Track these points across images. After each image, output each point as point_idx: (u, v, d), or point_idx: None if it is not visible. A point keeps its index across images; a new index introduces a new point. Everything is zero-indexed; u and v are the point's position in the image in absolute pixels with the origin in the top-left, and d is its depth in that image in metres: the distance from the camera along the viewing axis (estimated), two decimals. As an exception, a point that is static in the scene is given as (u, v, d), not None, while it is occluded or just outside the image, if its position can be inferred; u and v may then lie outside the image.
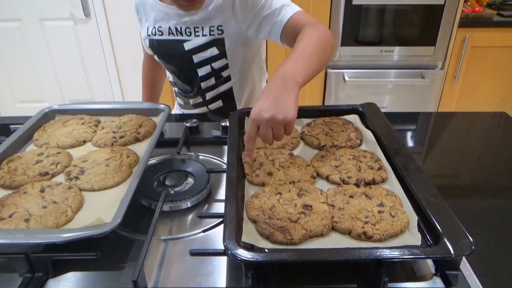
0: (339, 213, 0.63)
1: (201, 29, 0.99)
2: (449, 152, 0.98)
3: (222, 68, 1.06)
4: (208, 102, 1.14)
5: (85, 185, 0.71)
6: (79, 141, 0.86)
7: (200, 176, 0.80)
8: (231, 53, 1.02)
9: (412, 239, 0.59)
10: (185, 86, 1.14)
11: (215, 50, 1.01)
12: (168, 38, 1.03)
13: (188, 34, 1.01)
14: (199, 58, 1.03)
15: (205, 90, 1.11)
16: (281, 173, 0.73)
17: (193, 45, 1.01)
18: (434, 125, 1.13)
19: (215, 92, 1.11)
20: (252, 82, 1.14)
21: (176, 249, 0.66)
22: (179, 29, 1.01)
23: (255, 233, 0.61)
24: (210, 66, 1.04)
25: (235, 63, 1.06)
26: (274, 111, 0.63)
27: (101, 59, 2.80)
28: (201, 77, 1.07)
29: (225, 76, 1.08)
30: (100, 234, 0.58)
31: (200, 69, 1.05)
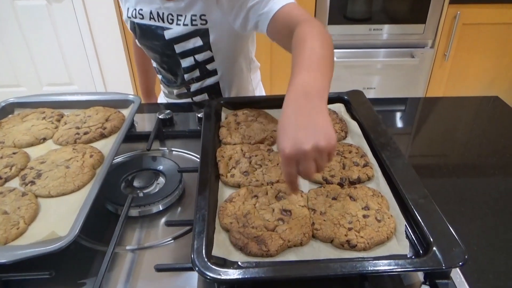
0: (321, 219, 0.57)
1: (184, 18, 0.89)
2: (438, 134, 0.94)
3: (207, 61, 0.96)
4: (193, 94, 1.05)
5: (41, 190, 0.64)
6: (38, 139, 0.78)
7: (172, 175, 0.74)
8: (216, 46, 0.93)
9: (399, 247, 0.54)
10: (168, 76, 1.05)
11: (199, 40, 0.92)
12: (149, 23, 0.93)
13: (170, 21, 0.91)
14: (181, 48, 0.94)
15: (190, 82, 1.02)
16: (258, 173, 0.67)
17: (174, 34, 0.91)
18: (423, 110, 1.08)
19: (200, 84, 1.02)
20: (240, 76, 1.05)
21: (143, 261, 0.60)
22: (161, 14, 0.91)
23: (228, 244, 0.55)
24: (193, 58, 0.95)
25: (221, 57, 0.96)
26: (313, 139, 0.48)
27: (78, 39, 2.66)
28: (185, 69, 0.98)
29: (211, 69, 0.99)
30: (53, 250, 0.51)
31: (183, 60, 0.96)
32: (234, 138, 0.76)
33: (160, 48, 0.97)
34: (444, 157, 0.87)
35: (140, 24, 0.95)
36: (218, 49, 0.94)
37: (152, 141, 0.80)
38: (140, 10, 0.94)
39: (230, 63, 1.01)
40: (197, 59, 0.95)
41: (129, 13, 0.96)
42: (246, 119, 0.81)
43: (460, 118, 1.02)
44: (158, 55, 1.00)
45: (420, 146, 0.92)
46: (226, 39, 0.93)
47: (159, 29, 0.92)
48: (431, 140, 0.93)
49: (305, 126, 0.50)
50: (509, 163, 0.83)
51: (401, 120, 1.02)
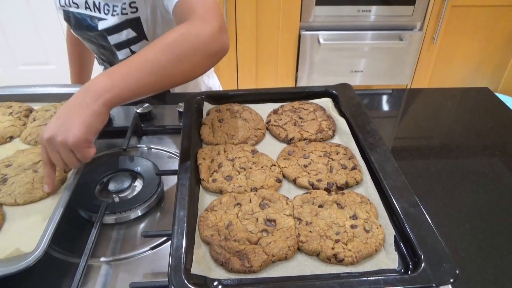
0: (307, 230, 0.54)
1: (116, 7, 0.82)
2: (423, 122, 0.94)
3: None
4: None
5: (6, 198, 0.59)
6: (4, 138, 0.72)
7: (150, 178, 0.69)
8: (151, 34, 0.87)
9: (388, 260, 0.51)
10: (108, 67, 0.99)
11: (131, 32, 0.85)
12: (85, 12, 0.86)
13: (106, 11, 0.83)
14: (115, 40, 0.87)
15: None
16: (241, 177, 0.63)
17: (106, 25, 0.85)
18: (408, 101, 1.05)
19: None
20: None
21: (119, 274, 0.57)
22: (97, 4, 0.84)
23: (209, 259, 0.52)
24: (129, 50, 0.89)
25: None
26: (54, 131, 0.54)
27: (53, 16, 2.52)
28: (122, 60, 0.91)
29: None
30: (17, 270, 0.47)
31: (119, 52, 0.90)
32: (216, 137, 0.72)
33: (95, 39, 0.91)
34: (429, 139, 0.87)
35: (75, 13, 0.88)
36: (152, 36, 0.88)
37: (129, 140, 0.75)
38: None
39: None
40: (133, 50, 0.89)
41: (62, 1, 0.89)
42: (229, 115, 0.77)
43: (446, 107, 1.00)
44: (95, 46, 0.94)
45: (405, 135, 0.91)
46: (158, 23, 0.86)
47: (93, 19, 0.86)
48: (416, 128, 0.91)
49: (59, 117, 0.55)
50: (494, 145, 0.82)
51: (386, 115, 1.00)
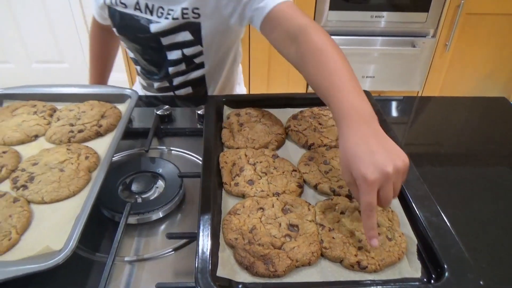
0: (329, 236, 0.55)
1: (173, 11, 0.83)
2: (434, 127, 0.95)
3: (195, 55, 0.92)
4: (176, 87, 1.00)
5: (34, 196, 0.61)
6: (29, 136, 0.74)
7: (172, 179, 0.70)
8: (207, 40, 0.88)
9: (411, 269, 0.52)
10: (149, 68, 0.99)
11: (188, 35, 0.86)
12: (133, 13, 0.87)
13: (160, 14, 0.84)
14: (169, 40, 0.88)
15: (174, 76, 0.97)
16: (263, 182, 0.64)
17: (161, 28, 0.85)
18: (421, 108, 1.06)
19: (184, 78, 0.97)
20: (227, 68, 1.00)
21: (143, 274, 0.58)
22: (150, 6, 0.84)
23: (233, 263, 0.53)
24: (181, 52, 0.90)
25: (211, 51, 0.91)
26: (392, 161, 0.49)
27: (68, 15, 2.55)
28: (170, 62, 0.93)
29: (198, 62, 0.94)
30: (48, 268, 0.48)
31: (170, 53, 0.91)
32: (237, 141, 0.73)
33: (144, 40, 0.91)
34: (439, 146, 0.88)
35: (123, 13, 0.88)
36: (208, 44, 0.89)
37: (151, 141, 0.77)
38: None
39: (220, 56, 0.96)
40: (185, 53, 0.90)
41: (108, 0, 0.89)
42: (249, 119, 0.78)
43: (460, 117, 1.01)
44: (141, 46, 0.94)
45: (421, 142, 0.92)
46: (219, 33, 0.88)
47: (143, 20, 0.86)
48: (430, 135, 0.92)
49: (379, 150, 0.50)
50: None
51: (396, 122, 1.01)
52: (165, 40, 0.88)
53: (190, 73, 0.96)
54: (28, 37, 2.64)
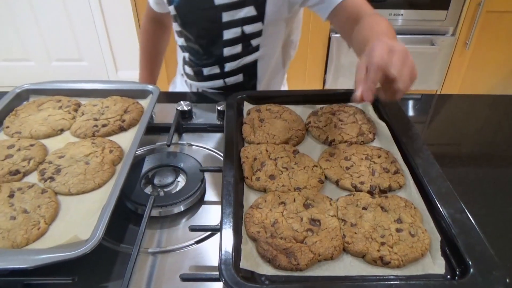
0: (352, 231, 0.55)
1: None
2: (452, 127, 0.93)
3: (254, 35, 0.90)
4: (227, 74, 0.98)
5: (61, 187, 0.62)
6: (55, 130, 0.76)
7: (193, 173, 0.71)
8: (269, 18, 0.87)
9: (434, 265, 0.52)
10: (201, 51, 0.97)
11: (252, 10, 0.86)
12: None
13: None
14: (230, 16, 0.87)
15: (226, 59, 0.95)
16: (284, 177, 0.64)
17: (226, 0, 0.85)
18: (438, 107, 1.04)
19: (237, 63, 0.96)
20: (278, 60, 0.99)
21: (165, 265, 0.59)
22: None
23: (256, 255, 0.53)
24: (241, 29, 0.89)
25: (270, 31, 0.91)
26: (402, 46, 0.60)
27: (87, 14, 2.60)
28: (226, 41, 0.91)
29: (254, 45, 0.93)
30: (76, 256, 0.50)
31: (227, 31, 0.90)
32: (257, 136, 0.74)
33: (203, 17, 0.90)
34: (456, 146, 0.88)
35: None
36: (269, 22, 0.89)
37: (172, 136, 0.78)
38: None
39: (276, 41, 0.95)
40: (245, 30, 0.89)
41: None
42: (269, 115, 0.78)
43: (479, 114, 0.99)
44: (196, 26, 0.92)
45: (444, 142, 0.90)
46: (282, 10, 0.88)
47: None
48: (455, 134, 0.90)
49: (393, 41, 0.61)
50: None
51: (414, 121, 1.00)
52: (226, 16, 0.87)
53: (243, 57, 0.95)
54: (49, 35, 2.69)
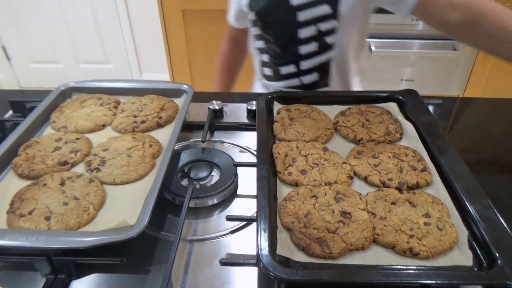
0: (381, 224, 0.58)
1: None
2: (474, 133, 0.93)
3: (329, 32, 0.94)
4: (302, 73, 1.01)
5: (106, 178, 0.67)
6: (98, 125, 0.81)
7: (226, 168, 0.75)
8: (343, 15, 0.90)
9: (462, 258, 0.54)
10: (279, 51, 1.01)
11: (327, 8, 0.89)
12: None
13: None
14: (306, 15, 0.91)
15: (301, 57, 0.98)
16: (315, 172, 0.68)
17: (301, 1, 0.89)
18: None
19: (311, 62, 0.99)
20: (351, 59, 1.01)
21: (203, 252, 0.62)
22: None
23: (290, 243, 0.56)
24: (316, 27, 0.92)
25: (344, 29, 0.93)
26: None
27: (114, 19, 2.69)
28: (302, 40, 0.95)
29: (329, 42, 0.96)
30: (125, 239, 0.54)
31: (303, 29, 0.93)
32: (288, 134, 0.77)
33: (280, 18, 0.94)
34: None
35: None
36: (344, 19, 0.91)
37: (207, 133, 0.82)
38: None
39: (350, 39, 0.97)
40: (320, 28, 0.92)
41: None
42: (299, 115, 0.82)
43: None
44: (274, 27, 0.97)
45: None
46: (357, 9, 0.91)
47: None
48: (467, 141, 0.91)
49: None
50: None
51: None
52: (302, 15, 0.91)
53: (318, 56, 0.98)
54: (77, 39, 2.80)
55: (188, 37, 2.15)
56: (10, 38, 2.81)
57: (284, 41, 0.98)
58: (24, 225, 0.58)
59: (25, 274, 0.59)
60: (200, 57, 2.23)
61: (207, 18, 2.08)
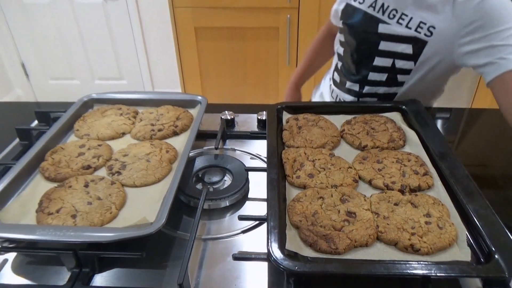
0: (384, 223, 0.61)
1: (409, 19, 0.86)
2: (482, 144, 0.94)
3: (403, 71, 0.93)
4: (362, 95, 1.02)
5: (127, 180, 0.72)
6: (118, 133, 0.86)
7: (238, 173, 0.80)
8: (423, 62, 0.89)
9: (461, 253, 0.57)
10: (350, 66, 1.01)
11: (409, 48, 0.88)
12: (367, 10, 0.92)
13: (391, 17, 0.88)
14: (387, 47, 0.90)
15: (368, 83, 0.99)
16: (322, 176, 0.72)
17: (389, 31, 0.88)
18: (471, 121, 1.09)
19: (375, 89, 0.99)
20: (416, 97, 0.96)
21: (216, 250, 0.66)
22: (384, 6, 0.89)
23: (298, 240, 0.60)
24: (392, 61, 0.92)
25: (419, 74, 0.92)
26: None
27: (129, 37, 2.79)
28: (376, 67, 0.95)
29: (399, 80, 0.95)
30: (145, 234, 0.58)
31: (380, 58, 0.93)
32: (296, 141, 0.81)
33: (363, 39, 0.95)
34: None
35: (357, 8, 0.94)
36: (422, 65, 0.90)
37: (219, 141, 0.87)
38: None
39: (423, 84, 0.95)
40: (396, 64, 0.92)
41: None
42: (306, 123, 0.86)
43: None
44: (356, 41, 0.97)
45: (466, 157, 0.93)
46: (438, 59, 0.88)
47: (374, 19, 0.91)
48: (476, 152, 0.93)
49: None
50: None
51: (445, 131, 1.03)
52: (384, 45, 0.90)
53: (385, 87, 0.98)
54: (93, 56, 2.90)
55: (200, 53, 2.23)
56: (30, 55, 2.93)
57: (359, 61, 0.99)
58: (52, 222, 0.62)
59: (51, 269, 0.63)
60: (211, 73, 2.31)
61: (218, 35, 2.16)
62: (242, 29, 2.14)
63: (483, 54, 0.80)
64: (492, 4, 0.78)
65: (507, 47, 0.77)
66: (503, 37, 0.77)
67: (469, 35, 0.82)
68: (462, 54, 0.84)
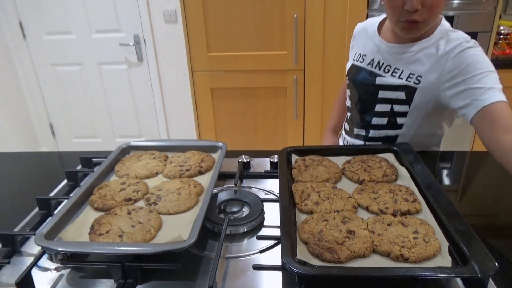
0: (379, 238, 0.73)
1: (400, 72, 1.06)
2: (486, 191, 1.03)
3: (400, 114, 1.10)
4: (368, 139, 1.20)
5: (162, 209, 0.86)
6: (152, 173, 1.02)
7: (255, 204, 0.93)
8: (415, 104, 1.06)
9: (443, 261, 0.68)
10: (356, 115, 1.21)
11: (402, 94, 1.06)
12: (366, 67, 1.13)
13: (386, 71, 1.08)
14: (385, 95, 1.09)
15: (372, 127, 1.17)
16: (326, 203, 0.85)
17: (385, 82, 1.08)
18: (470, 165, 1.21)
19: (379, 133, 1.16)
20: (419, 141, 1.14)
21: (237, 266, 0.78)
22: (380, 63, 1.10)
23: (307, 253, 0.72)
24: (390, 106, 1.10)
25: (415, 116, 1.09)
26: None
27: (150, 98, 3.06)
28: (377, 113, 1.14)
29: (399, 123, 1.12)
30: (181, 248, 0.71)
31: (380, 105, 1.12)
32: (304, 177, 0.96)
33: (365, 90, 1.14)
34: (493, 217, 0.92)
35: (358, 66, 1.17)
36: (416, 108, 1.07)
37: (238, 179, 1.01)
38: (363, 55, 1.16)
39: (420, 125, 1.11)
40: (394, 108, 1.10)
41: (355, 57, 1.19)
42: (312, 163, 1.01)
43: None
44: (359, 93, 1.17)
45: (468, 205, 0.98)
46: (427, 102, 1.05)
47: (372, 74, 1.12)
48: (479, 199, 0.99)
49: None
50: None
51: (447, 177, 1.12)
52: (382, 94, 1.10)
53: (386, 130, 1.15)
54: (116, 116, 3.16)
55: (215, 110, 2.45)
56: (57, 116, 3.20)
57: (362, 108, 1.18)
58: (103, 240, 0.76)
59: (99, 281, 0.75)
60: (225, 129, 2.52)
61: (232, 94, 2.40)
62: (254, 89, 2.37)
63: (461, 97, 0.96)
64: (468, 55, 0.97)
65: (480, 89, 0.92)
66: (477, 80, 0.93)
67: (450, 80, 0.99)
68: (447, 97, 1.00)
